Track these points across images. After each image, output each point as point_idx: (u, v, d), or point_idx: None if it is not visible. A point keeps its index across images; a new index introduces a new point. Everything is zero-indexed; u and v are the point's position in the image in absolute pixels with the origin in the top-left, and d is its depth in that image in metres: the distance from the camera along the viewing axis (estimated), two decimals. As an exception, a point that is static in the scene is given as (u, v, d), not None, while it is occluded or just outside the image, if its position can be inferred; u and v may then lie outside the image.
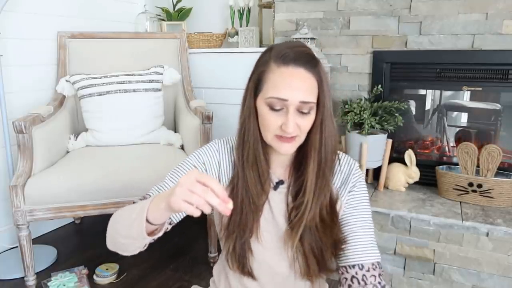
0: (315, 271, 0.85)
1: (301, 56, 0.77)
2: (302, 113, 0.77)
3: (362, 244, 0.84)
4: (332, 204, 0.85)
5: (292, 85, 0.75)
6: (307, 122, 0.78)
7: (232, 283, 0.92)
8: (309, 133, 0.80)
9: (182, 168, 0.89)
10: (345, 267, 0.85)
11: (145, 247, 0.80)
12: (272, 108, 0.77)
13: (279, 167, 0.88)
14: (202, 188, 0.61)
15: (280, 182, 0.87)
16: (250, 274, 0.86)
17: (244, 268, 0.86)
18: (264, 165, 0.84)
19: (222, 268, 0.96)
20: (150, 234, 0.74)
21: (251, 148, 0.82)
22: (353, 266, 0.83)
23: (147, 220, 0.71)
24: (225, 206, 0.62)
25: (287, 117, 0.75)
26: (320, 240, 0.83)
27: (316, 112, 0.79)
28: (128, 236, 0.76)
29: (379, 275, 0.83)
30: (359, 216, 0.87)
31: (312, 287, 0.91)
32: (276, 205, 0.86)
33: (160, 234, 0.77)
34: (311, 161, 0.81)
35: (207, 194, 0.61)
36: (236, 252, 0.84)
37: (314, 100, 0.77)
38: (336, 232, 0.85)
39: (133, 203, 0.83)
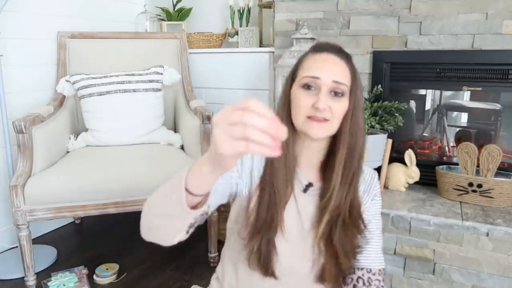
0: (335, 275, 0.85)
1: (335, 47, 0.82)
2: (335, 95, 0.78)
3: (375, 250, 0.89)
4: (358, 206, 0.86)
5: (325, 66, 0.78)
6: (339, 106, 0.78)
7: (241, 278, 0.90)
8: (341, 123, 0.80)
9: None
10: (354, 268, 0.88)
11: (187, 234, 0.68)
12: (304, 88, 0.78)
13: (308, 167, 0.86)
14: (242, 113, 0.46)
15: (310, 185, 0.86)
16: (273, 275, 0.84)
17: (268, 269, 0.83)
18: (292, 156, 0.82)
19: (231, 264, 0.93)
20: (192, 208, 0.63)
21: None
22: (362, 268, 0.87)
23: (188, 191, 0.60)
24: (278, 129, 0.46)
25: (319, 95, 0.76)
26: (350, 240, 0.83)
27: (348, 101, 0.80)
28: (166, 214, 0.65)
29: (383, 280, 0.88)
30: (376, 223, 0.91)
31: None
32: (304, 207, 0.85)
33: (204, 208, 0.64)
34: (340, 149, 0.80)
35: (250, 116, 0.45)
36: (261, 252, 0.81)
37: (347, 83, 0.79)
38: (359, 235, 0.86)
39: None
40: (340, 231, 0.83)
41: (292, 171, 0.83)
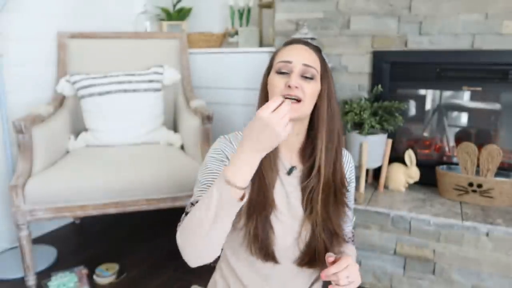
0: (324, 255, 0.88)
1: (305, 41, 0.92)
2: (306, 78, 0.85)
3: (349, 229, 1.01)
4: (343, 178, 0.93)
5: (296, 52, 0.87)
6: (311, 87, 0.85)
7: (243, 270, 0.94)
8: (317, 108, 0.88)
9: (212, 165, 0.89)
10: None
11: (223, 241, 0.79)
12: (279, 72, 0.86)
13: (289, 151, 0.92)
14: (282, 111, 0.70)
15: (293, 168, 0.92)
16: (273, 257, 0.88)
17: (268, 251, 0.87)
18: None
19: (233, 257, 0.95)
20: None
21: None
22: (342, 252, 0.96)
23: (237, 187, 0.71)
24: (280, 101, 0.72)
25: (291, 76, 0.84)
26: (341, 211, 0.91)
27: (321, 86, 0.87)
28: (209, 228, 0.74)
29: (353, 235, 1.05)
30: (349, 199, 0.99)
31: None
32: (291, 189, 0.91)
33: (246, 196, 0.75)
34: (320, 130, 0.88)
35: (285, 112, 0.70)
36: (258, 233, 0.86)
37: (317, 68, 0.87)
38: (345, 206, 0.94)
39: (186, 214, 0.83)
40: (333, 206, 0.90)
41: (276, 155, 0.89)
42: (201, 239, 0.76)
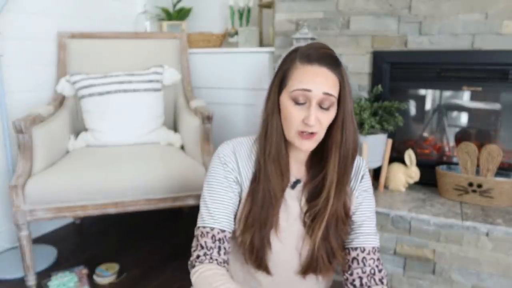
0: (327, 264, 0.88)
1: (324, 56, 0.81)
2: (323, 108, 0.81)
3: (366, 231, 0.90)
4: (348, 204, 0.90)
5: (316, 80, 0.79)
6: (327, 118, 0.82)
7: (244, 276, 0.94)
8: (331, 130, 0.84)
9: (213, 179, 0.90)
10: (348, 249, 0.90)
11: None
12: (295, 102, 0.80)
13: (296, 165, 0.91)
14: None
15: (297, 181, 0.90)
16: (266, 269, 0.89)
17: (261, 262, 0.88)
18: (286, 160, 0.87)
19: (235, 263, 0.97)
20: None
21: (273, 143, 0.85)
22: (356, 248, 0.89)
23: None
24: None
25: (309, 110, 0.79)
26: (343, 234, 0.89)
27: (337, 110, 0.83)
28: None
29: (378, 259, 0.90)
30: (367, 206, 0.93)
31: (322, 282, 0.95)
32: (292, 203, 0.89)
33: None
34: (332, 158, 0.84)
35: None
36: (254, 246, 0.86)
37: (336, 94, 0.81)
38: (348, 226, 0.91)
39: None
40: (334, 230, 0.87)
41: (286, 172, 0.87)
42: None
